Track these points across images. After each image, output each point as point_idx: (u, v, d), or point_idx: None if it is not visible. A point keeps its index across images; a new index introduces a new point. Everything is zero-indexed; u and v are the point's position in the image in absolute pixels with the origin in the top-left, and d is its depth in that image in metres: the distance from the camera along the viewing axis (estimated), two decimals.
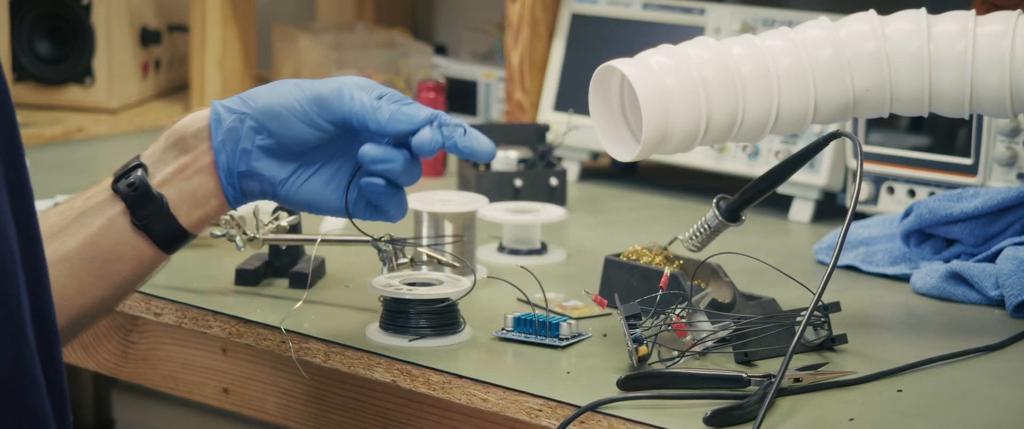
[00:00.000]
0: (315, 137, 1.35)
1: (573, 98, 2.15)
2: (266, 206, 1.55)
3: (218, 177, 1.36)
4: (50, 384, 1.13)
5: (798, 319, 1.37)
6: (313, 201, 1.38)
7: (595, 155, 2.17)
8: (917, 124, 1.84)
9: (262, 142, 1.36)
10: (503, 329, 1.44)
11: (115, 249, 1.35)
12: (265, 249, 1.61)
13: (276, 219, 1.58)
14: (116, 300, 1.37)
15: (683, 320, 1.38)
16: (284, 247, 1.61)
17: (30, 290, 1.10)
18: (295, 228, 1.60)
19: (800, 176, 1.77)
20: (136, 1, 2.51)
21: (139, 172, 1.35)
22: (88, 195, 1.36)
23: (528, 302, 1.45)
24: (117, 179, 1.35)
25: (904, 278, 1.66)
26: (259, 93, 1.37)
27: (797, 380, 1.32)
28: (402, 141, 1.35)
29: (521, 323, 1.44)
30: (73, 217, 1.34)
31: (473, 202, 1.66)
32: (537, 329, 1.43)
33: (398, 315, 1.44)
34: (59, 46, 2.47)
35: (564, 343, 1.42)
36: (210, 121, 1.36)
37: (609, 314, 1.50)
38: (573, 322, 1.44)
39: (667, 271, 1.42)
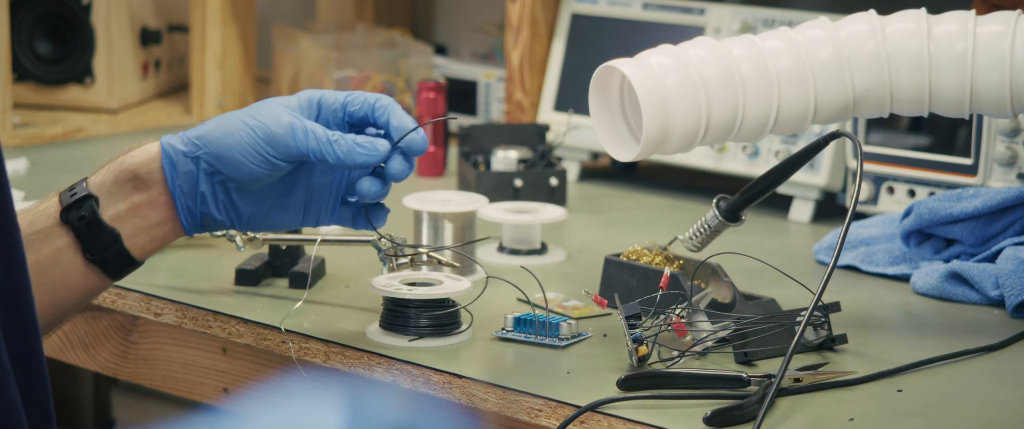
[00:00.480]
0: (271, 175, 1.34)
1: (573, 98, 2.15)
2: None
3: (176, 213, 1.34)
4: (28, 371, 1.12)
5: (798, 319, 1.37)
6: (277, 225, 1.38)
7: (595, 155, 2.16)
8: (917, 124, 1.84)
9: (219, 181, 1.34)
10: (503, 329, 1.44)
11: (64, 279, 1.33)
12: (265, 249, 1.61)
13: None
14: (61, 322, 1.36)
15: (683, 320, 1.38)
16: (284, 247, 1.61)
17: (2, 275, 1.09)
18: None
19: (800, 176, 1.77)
20: (136, 1, 2.51)
21: (90, 203, 1.32)
22: (32, 218, 1.33)
23: (528, 302, 1.45)
24: (66, 209, 1.32)
25: (904, 278, 1.66)
26: (210, 134, 1.34)
27: (797, 380, 1.31)
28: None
29: (521, 323, 1.44)
30: None
31: (473, 202, 1.66)
32: (537, 329, 1.43)
33: (398, 315, 1.44)
34: (59, 46, 2.47)
35: (564, 343, 1.42)
36: (163, 163, 1.33)
37: (609, 314, 1.50)
38: (573, 322, 1.44)
39: (667, 271, 1.42)
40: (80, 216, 1.32)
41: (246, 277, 1.60)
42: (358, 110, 1.35)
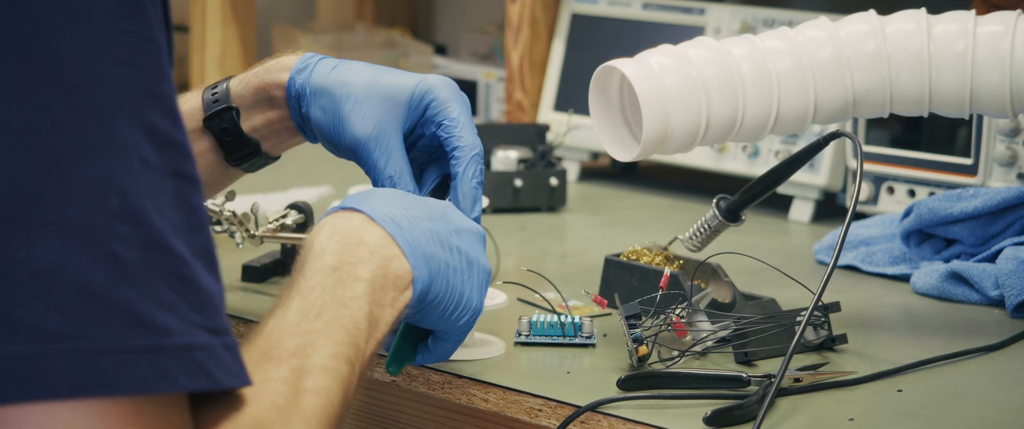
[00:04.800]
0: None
1: (573, 98, 2.15)
2: (275, 205, 1.55)
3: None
4: None
5: (798, 319, 1.37)
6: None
7: (595, 155, 2.17)
8: (917, 124, 1.85)
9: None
10: (521, 334, 1.43)
11: (206, 175, 1.41)
12: (277, 247, 1.61)
13: (283, 217, 1.59)
14: None
15: (683, 320, 1.38)
16: (289, 245, 1.61)
17: None
18: (301, 227, 1.60)
19: (800, 176, 1.77)
20: None
21: (231, 115, 1.41)
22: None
23: (549, 308, 1.45)
24: (209, 117, 1.40)
25: (904, 278, 1.66)
26: (326, 92, 1.39)
27: (797, 380, 1.32)
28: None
29: (538, 326, 1.43)
30: None
31: None
32: (563, 330, 1.42)
33: None
34: None
35: (594, 341, 1.42)
36: (287, 96, 1.39)
37: (609, 314, 1.50)
38: (591, 319, 1.44)
39: (667, 271, 1.42)
40: (222, 128, 1.41)
41: (252, 274, 1.60)
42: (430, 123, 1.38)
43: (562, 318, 1.42)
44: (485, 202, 1.68)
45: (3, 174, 0.86)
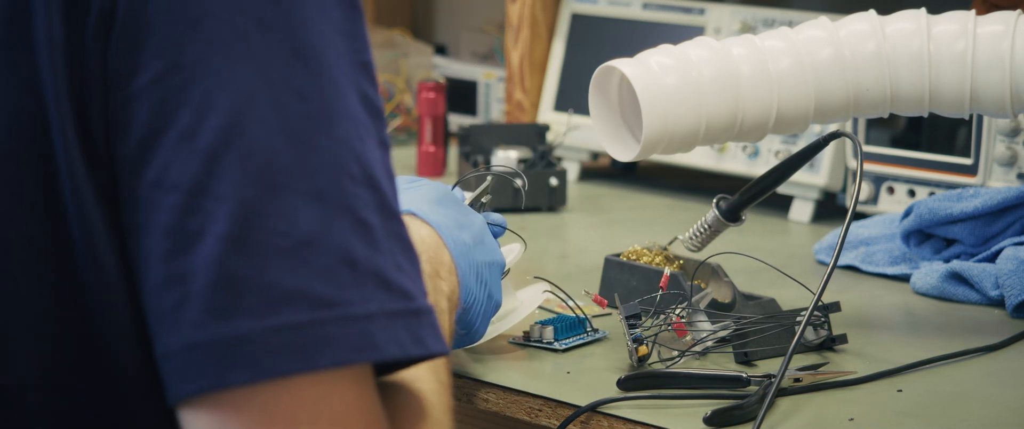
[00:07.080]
0: None
1: (573, 98, 2.15)
2: None
3: None
4: None
5: (798, 319, 1.37)
6: None
7: (595, 155, 2.17)
8: (917, 124, 1.84)
9: None
10: (554, 345, 1.42)
11: None
12: None
13: None
14: None
15: (683, 320, 1.38)
16: None
17: None
18: None
19: (800, 176, 1.77)
20: None
21: None
22: None
23: (576, 309, 1.44)
24: None
25: (904, 278, 1.66)
26: None
27: (797, 380, 1.31)
28: None
29: (561, 331, 1.42)
30: None
31: None
32: (584, 328, 1.43)
33: None
34: None
35: (605, 332, 1.43)
36: None
37: (609, 314, 1.50)
38: (591, 317, 1.44)
39: (667, 271, 1.42)
40: None
41: None
42: None
43: (572, 318, 1.42)
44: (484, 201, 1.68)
45: (257, 145, 0.85)
